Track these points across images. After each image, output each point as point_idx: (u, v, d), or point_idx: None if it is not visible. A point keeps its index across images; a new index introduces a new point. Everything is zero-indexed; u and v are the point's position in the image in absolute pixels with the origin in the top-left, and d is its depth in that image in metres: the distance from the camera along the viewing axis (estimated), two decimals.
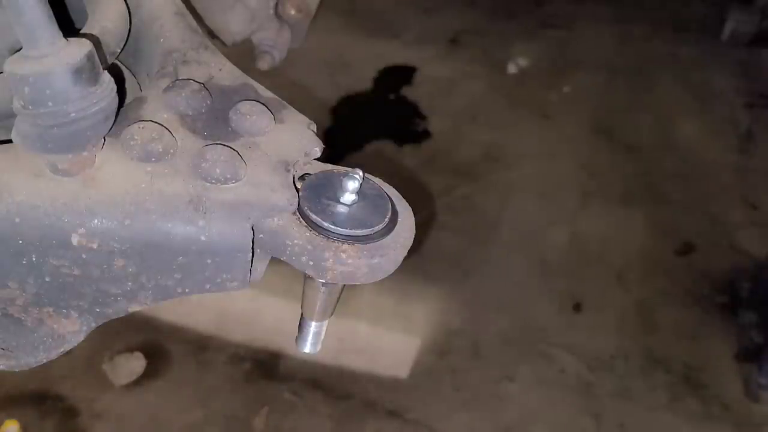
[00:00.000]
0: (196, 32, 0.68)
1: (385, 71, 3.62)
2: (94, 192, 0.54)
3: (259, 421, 2.24)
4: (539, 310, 2.58)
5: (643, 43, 3.90)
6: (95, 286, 0.56)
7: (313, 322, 0.64)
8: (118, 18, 0.63)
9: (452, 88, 3.55)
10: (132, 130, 0.56)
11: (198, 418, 2.24)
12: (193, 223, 0.55)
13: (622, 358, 2.47)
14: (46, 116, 0.50)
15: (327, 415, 2.27)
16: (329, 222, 0.57)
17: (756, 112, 3.51)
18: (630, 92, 3.56)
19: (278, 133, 0.61)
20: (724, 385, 2.40)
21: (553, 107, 3.49)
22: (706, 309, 2.60)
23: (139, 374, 2.30)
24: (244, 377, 2.34)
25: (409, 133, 3.30)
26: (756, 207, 3.00)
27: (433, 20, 3.98)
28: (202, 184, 0.56)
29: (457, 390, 2.36)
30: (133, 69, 0.69)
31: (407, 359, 2.43)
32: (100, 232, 0.54)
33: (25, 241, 0.54)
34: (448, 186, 3.00)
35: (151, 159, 0.56)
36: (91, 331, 0.61)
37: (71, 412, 2.21)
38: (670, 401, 2.36)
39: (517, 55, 3.77)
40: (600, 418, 2.31)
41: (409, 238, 0.60)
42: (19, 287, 0.56)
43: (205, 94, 0.62)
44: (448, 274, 2.67)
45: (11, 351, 0.61)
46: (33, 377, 2.24)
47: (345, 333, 2.42)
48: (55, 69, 0.49)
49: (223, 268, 0.57)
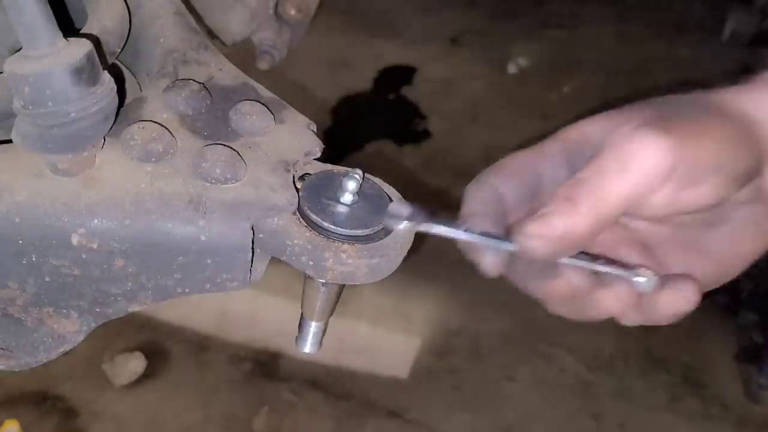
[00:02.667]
0: (196, 32, 0.68)
1: (385, 71, 3.62)
2: (94, 192, 0.54)
3: (259, 421, 2.24)
4: (539, 310, 2.56)
5: (643, 43, 3.90)
6: (95, 286, 0.56)
7: (313, 322, 0.64)
8: (118, 18, 0.63)
9: (452, 88, 3.55)
10: (132, 130, 0.56)
11: (198, 418, 2.24)
12: (193, 223, 0.55)
13: (622, 358, 2.47)
14: (46, 116, 0.50)
15: (327, 415, 2.27)
16: (329, 222, 0.57)
17: None
18: (630, 92, 3.55)
19: (278, 133, 0.62)
20: (724, 385, 2.40)
21: (553, 107, 3.49)
22: (706, 309, 2.60)
23: (139, 374, 2.30)
24: (244, 377, 2.34)
25: (409, 133, 3.30)
26: None
27: (433, 20, 3.98)
28: (202, 184, 0.56)
29: (457, 390, 2.36)
30: (133, 69, 0.69)
31: (407, 359, 2.43)
32: (100, 232, 0.54)
33: (25, 241, 0.54)
34: (448, 186, 3.00)
35: (151, 159, 0.56)
36: (91, 331, 0.61)
37: (71, 412, 2.21)
38: (670, 401, 2.36)
39: (517, 55, 3.77)
40: (600, 418, 2.31)
41: (409, 238, 0.60)
42: (19, 287, 0.56)
43: (205, 94, 0.62)
44: (448, 274, 2.67)
45: (11, 351, 0.61)
46: (33, 377, 2.24)
47: (345, 333, 2.42)
48: (55, 69, 0.49)
49: (223, 268, 0.57)
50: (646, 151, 0.54)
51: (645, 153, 0.54)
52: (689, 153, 0.55)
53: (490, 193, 0.64)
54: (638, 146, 0.54)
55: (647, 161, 0.54)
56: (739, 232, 0.61)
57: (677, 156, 0.54)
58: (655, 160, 0.54)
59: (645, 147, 0.54)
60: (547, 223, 0.54)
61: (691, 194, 0.56)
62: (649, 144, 0.54)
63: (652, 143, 0.54)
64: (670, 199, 0.56)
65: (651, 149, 0.54)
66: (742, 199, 0.59)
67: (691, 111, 0.58)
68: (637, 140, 0.54)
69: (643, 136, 0.54)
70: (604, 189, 0.54)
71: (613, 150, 0.55)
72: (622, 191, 0.54)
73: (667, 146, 0.54)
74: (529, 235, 0.55)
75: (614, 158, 0.55)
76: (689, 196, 0.56)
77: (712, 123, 0.57)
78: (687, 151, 0.55)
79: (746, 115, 0.59)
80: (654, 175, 0.54)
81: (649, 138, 0.54)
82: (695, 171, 0.55)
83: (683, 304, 0.60)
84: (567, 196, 0.55)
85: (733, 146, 0.57)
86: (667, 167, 0.54)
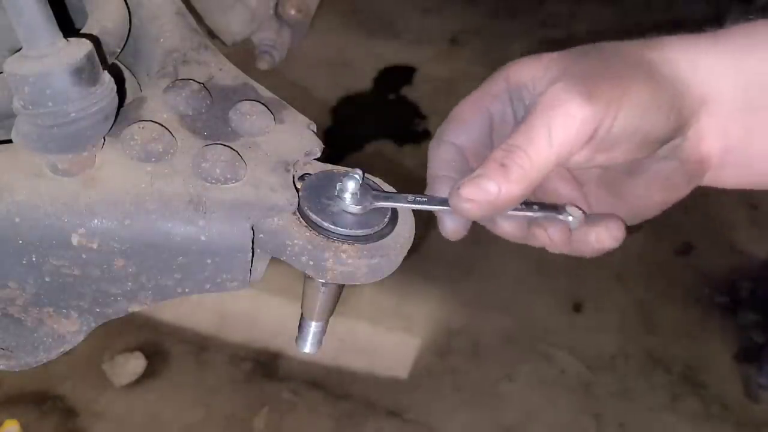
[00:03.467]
0: (196, 32, 0.68)
1: (385, 71, 3.61)
2: (94, 192, 0.54)
3: (259, 421, 2.24)
4: (539, 310, 2.58)
5: None
6: (95, 286, 0.56)
7: (313, 322, 0.64)
8: (118, 18, 0.63)
9: (452, 88, 3.55)
10: (132, 130, 0.56)
11: (198, 418, 2.24)
12: (193, 223, 0.55)
13: (622, 358, 2.47)
14: (46, 116, 0.50)
15: (327, 415, 2.27)
16: (329, 222, 0.57)
17: None
18: None
19: (278, 133, 0.62)
20: (724, 385, 2.40)
21: None
22: (706, 309, 2.60)
23: (139, 374, 2.30)
24: (244, 377, 2.34)
25: (409, 133, 3.30)
26: (756, 207, 3.00)
27: (433, 20, 3.98)
28: (202, 184, 0.56)
29: (457, 390, 2.36)
30: (133, 69, 0.69)
31: (407, 359, 2.43)
32: (100, 232, 0.54)
33: (25, 241, 0.54)
34: None
35: (151, 159, 0.56)
36: (91, 331, 0.61)
37: (71, 412, 2.21)
38: (670, 401, 2.36)
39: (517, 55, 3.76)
40: (600, 418, 2.31)
41: (409, 238, 0.60)
42: (19, 287, 0.56)
43: (205, 94, 0.62)
44: (448, 274, 2.67)
45: (11, 351, 0.61)
46: (33, 377, 2.24)
47: (345, 333, 2.42)
48: (55, 69, 0.49)
49: (223, 268, 0.57)
50: (572, 119, 0.59)
51: (571, 122, 0.59)
52: (609, 121, 0.60)
53: (449, 149, 0.68)
54: (564, 114, 0.59)
55: (572, 130, 0.59)
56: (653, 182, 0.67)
57: (598, 122, 0.59)
58: (579, 127, 0.59)
59: (571, 116, 0.59)
60: (481, 188, 0.59)
61: (605, 156, 0.62)
62: (575, 112, 0.59)
63: (578, 110, 0.59)
64: (587, 159, 0.62)
65: (576, 117, 0.59)
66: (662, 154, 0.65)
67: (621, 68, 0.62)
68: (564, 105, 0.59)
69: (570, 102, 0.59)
70: (532, 157, 0.59)
71: (543, 115, 0.60)
72: (550, 158, 0.59)
73: (590, 113, 0.59)
74: (464, 199, 0.59)
75: (543, 125, 0.59)
76: (603, 157, 0.62)
77: (636, 85, 0.61)
78: (607, 120, 0.59)
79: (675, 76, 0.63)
80: (576, 142, 0.60)
81: (575, 103, 0.59)
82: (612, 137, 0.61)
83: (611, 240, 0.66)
84: (501, 161, 0.59)
85: (653, 113, 0.61)
86: (589, 134, 0.60)
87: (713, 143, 0.65)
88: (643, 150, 0.63)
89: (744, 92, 0.64)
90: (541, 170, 0.60)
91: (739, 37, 0.68)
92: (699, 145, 0.64)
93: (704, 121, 0.64)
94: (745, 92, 0.64)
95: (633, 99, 0.60)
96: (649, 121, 0.61)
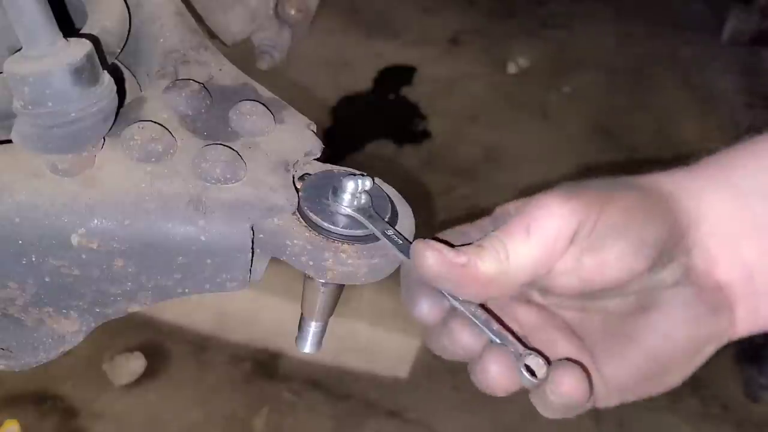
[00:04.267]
0: (196, 32, 0.68)
1: (385, 71, 3.61)
2: (94, 192, 0.54)
3: (259, 421, 2.24)
4: None
5: (643, 43, 3.89)
6: (95, 286, 0.56)
7: (313, 322, 0.64)
8: (118, 18, 0.63)
9: (452, 88, 3.55)
10: (132, 130, 0.56)
11: (198, 418, 2.24)
12: (193, 223, 0.55)
13: None
14: (46, 116, 0.50)
15: (327, 415, 2.27)
16: (329, 222, 0.57)
17: (756, 113, 3.51)
18: (630, 92, 3.55)
19: (278, 134, 0.62)
20: (724, 385, 2.40)
21: (553, 107, 3.49)
22: None
23: (139, 374, 2.30)
24: (244, 377, 2.34)
25: (409, 133, 3.30)
26: None
27: (433, 20, 3.98)
28: (202, 184, 0.56)
29: (457, 390, 2.36)
30: (133, 69, 0.69)
31: (407, 359, 2.43)
32: (100, 232, 0.54)
33: (25, 242, 0.54)
34: (448, 186, 3.00)
35: (151, 159, 0.56)
36: (91, 331, 0.61)
37: (71, 412, 2.21)
38: (670, 401, 2.36)
39: (517, 55, 3.76)
40: (600, 418, 2.31)
41: (409, 238, 0.60)
42: (19, 287, 0.56)
43: (205, 94, 0.62)
44: None
45: (11, 351, 0.61)
46: (33, 377, 2.24)
47: (345, 333, 2.42)
48: (55, 69, 0.49)
49: (222, 268, 0.57)
50: (550, 216, 0.56)
51: (549, 217, 0.56)
52: (593, 217, 0.56)
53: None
54: (543, 211, 0.56)
55: (550, 224, 0.56)
56: (670, 317, 0.58)
57: (580, 219, 0.56)
58: (558, 222, 0.56)
59: (549, 212, 0.56)
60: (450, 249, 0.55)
61: (595, 260, 0.57)
62: (553, 209, 0.56)
63: (556, 207, 0.56)
64: (574, 264, 0.57)
65: (555, 213, 0.56)
66: (669, 281, 0.58)
67: (609, 186, 0.60)
68: (543, 205, 0.57)
69: (550, 201, 0.57)
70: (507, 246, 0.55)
71: (523, 216, 0.57)
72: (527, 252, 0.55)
73: (570, 210, 0.56)
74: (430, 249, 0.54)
75: (521, 222, 0.56)
76: (593, 262, 0.57)
77: (621, 193, 0.59)
78: (591, 216, 0.56)
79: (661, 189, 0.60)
80: (556, 238, 0.56)
81: (555, 202, 0.56)
82: (598, 234, 0.56)
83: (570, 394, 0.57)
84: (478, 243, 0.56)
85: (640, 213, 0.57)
86: (570, 230, 0.56)
87: (729, 269, 0.59)
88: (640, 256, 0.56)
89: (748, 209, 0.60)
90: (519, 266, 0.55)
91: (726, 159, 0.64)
92: (713, 270, 0.58)
93: (710, 242, 0.59)
94: (749, 209, 0.60)
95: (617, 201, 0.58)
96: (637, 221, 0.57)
